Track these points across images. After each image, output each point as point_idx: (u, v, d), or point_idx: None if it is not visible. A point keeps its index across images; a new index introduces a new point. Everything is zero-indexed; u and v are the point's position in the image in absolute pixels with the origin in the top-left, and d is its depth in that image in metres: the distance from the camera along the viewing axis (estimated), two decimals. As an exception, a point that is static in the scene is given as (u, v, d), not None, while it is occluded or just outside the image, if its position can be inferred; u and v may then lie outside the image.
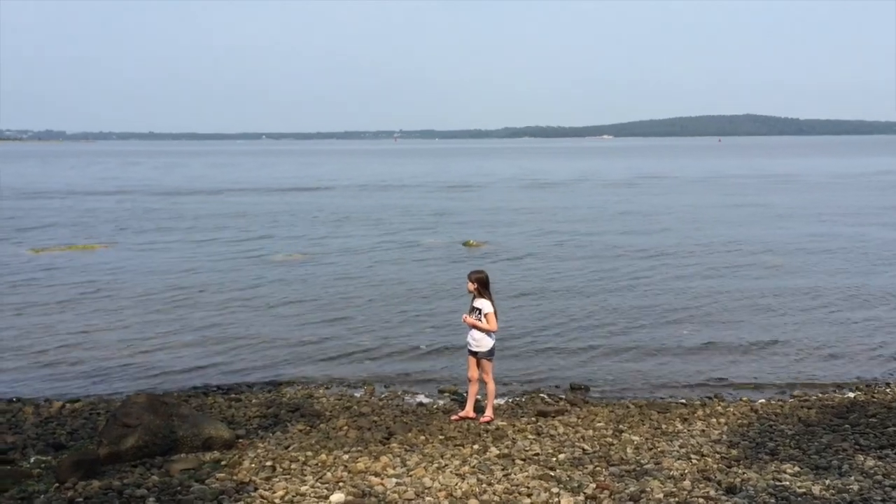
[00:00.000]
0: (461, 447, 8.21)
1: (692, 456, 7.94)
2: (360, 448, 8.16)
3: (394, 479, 7.17)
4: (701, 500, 6.72)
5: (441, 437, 8.62)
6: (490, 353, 9.19)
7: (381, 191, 50.87)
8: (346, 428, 8.92)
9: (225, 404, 10.00)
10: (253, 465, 7.59)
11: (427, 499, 6.75)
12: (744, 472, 7.40)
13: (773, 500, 6.68)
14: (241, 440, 8.44)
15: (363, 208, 37.82)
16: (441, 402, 10.30)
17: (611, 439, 8.52)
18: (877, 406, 9.80)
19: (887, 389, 10.73)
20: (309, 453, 7.96)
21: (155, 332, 13.82)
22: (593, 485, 7.05)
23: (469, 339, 9.24)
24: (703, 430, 8.88)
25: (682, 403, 10.19)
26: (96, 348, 12.85)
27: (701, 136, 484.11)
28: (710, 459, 7.83)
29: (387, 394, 10.70)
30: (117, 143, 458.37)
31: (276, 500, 6.68)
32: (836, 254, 22.51)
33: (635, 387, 11.07)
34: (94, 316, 15.07)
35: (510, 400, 10.35)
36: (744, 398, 10.47)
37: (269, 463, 7.65)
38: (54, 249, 23.74)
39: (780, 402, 10.22)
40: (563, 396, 10.53)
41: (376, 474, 7.32)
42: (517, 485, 7.06)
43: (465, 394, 9.78)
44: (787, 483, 7.08)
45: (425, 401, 10.37)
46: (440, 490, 6.93)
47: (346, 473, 7.33)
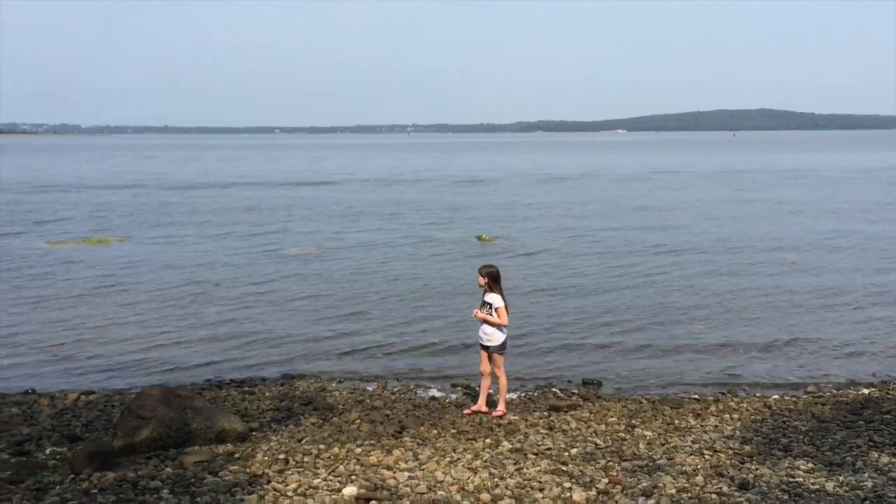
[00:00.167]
0: (473, 441, 8.22)
1: (705, 451, 7.92)
2: (372, 441, 8.18)
3: (406, 473, 7.20)
4: (713, 495, 6.70)
5: (453, 431, 8.63)
6: (502, 348, 9.20)
7: (395, 185, 50.90)
8: (358, 421, 8.95)
9: (238, 397, 10.06)
10: (266, 458, 7.63)
11: (439, 492, 6.77)
12: (757, 468, 7.37)
13: (786, 497, 6.66)
14: (254, 433, 8.49)
15: (377, 203, 37.87)
16: (453, 396, 10.31)
17: (623, 434, 8.51)
18: (892, 403, 9.74)
19: (903, 386, 10.66)
20: (321, 446, 8.00)
21: (170, 327, 13.91)
22: (605, 480, 7.05)
23: (480, 334, 9.24)
24: (717, 426, 8.85)
25: (694, 399, 10.16)
26: (112, 342, 12.95)
27: (714, 131, 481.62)
28: (722, 455, 7.80)
29: (399, 388, 10.73)
30: (132, 136, 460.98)
31: (289, 493, 6.72)
32: (850, 251, 22.33)
33: (648, 383, 11.04)
34: (110, 310, 15.18)
35: (522, 394, 10.35)
36: (757, 394, 10.43)
37: (281, 456, 7.70)
38: (70, 243, 23.95)
39: (794, 399, 10.16)
40: (576, 391, 10.52)
41: (388, 468, 7.35)
42: (529, 479, 7.07)
43: (477, 388, 9.79)
44: (801, 479, 7.05)
45: (438, 395, 10.39)
46: (452, 484, 6.95)
47: (358, 467, 7.36)
